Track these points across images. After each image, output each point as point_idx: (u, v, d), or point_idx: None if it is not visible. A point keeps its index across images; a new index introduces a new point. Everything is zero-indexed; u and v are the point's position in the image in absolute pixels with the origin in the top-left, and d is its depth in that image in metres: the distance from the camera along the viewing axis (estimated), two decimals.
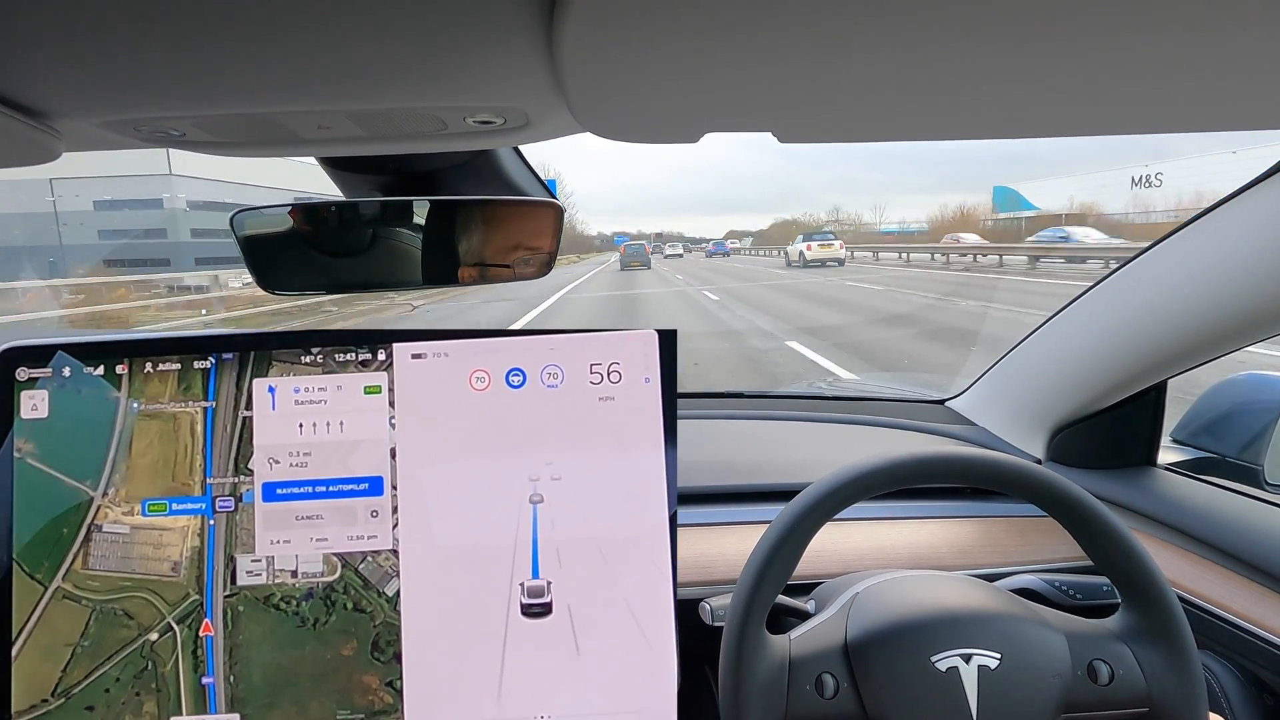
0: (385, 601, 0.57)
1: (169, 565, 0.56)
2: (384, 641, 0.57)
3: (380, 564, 0.57)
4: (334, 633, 0.57)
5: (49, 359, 0.57)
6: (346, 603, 0.57)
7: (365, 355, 0.59)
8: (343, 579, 0.57)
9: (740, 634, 0.56)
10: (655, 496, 0.59)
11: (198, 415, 0.57)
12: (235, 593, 0.57)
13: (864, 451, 0.60)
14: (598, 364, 0.60)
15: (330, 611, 0.57)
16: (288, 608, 0.57)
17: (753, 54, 0.30)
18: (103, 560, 0.56)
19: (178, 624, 0.56)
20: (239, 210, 0.68)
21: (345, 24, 0.31)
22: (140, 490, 0.57)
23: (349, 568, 0.57)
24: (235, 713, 0.56)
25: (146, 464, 0.57)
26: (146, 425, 0.57)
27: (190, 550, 0.57)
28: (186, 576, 0.56)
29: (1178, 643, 0.56)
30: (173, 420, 0.57)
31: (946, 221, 59.53)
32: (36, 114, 0.41)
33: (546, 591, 0.58)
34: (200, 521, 0.57)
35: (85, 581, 0.56)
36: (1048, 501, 0.58)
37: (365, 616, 0.57)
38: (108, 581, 0.56)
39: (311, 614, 0.57)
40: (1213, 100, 0.37)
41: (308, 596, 0.57)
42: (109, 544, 0.56)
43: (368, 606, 0.57)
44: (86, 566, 0.56)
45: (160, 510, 0.57)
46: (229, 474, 0.57)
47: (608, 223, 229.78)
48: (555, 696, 0.57)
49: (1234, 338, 0.76)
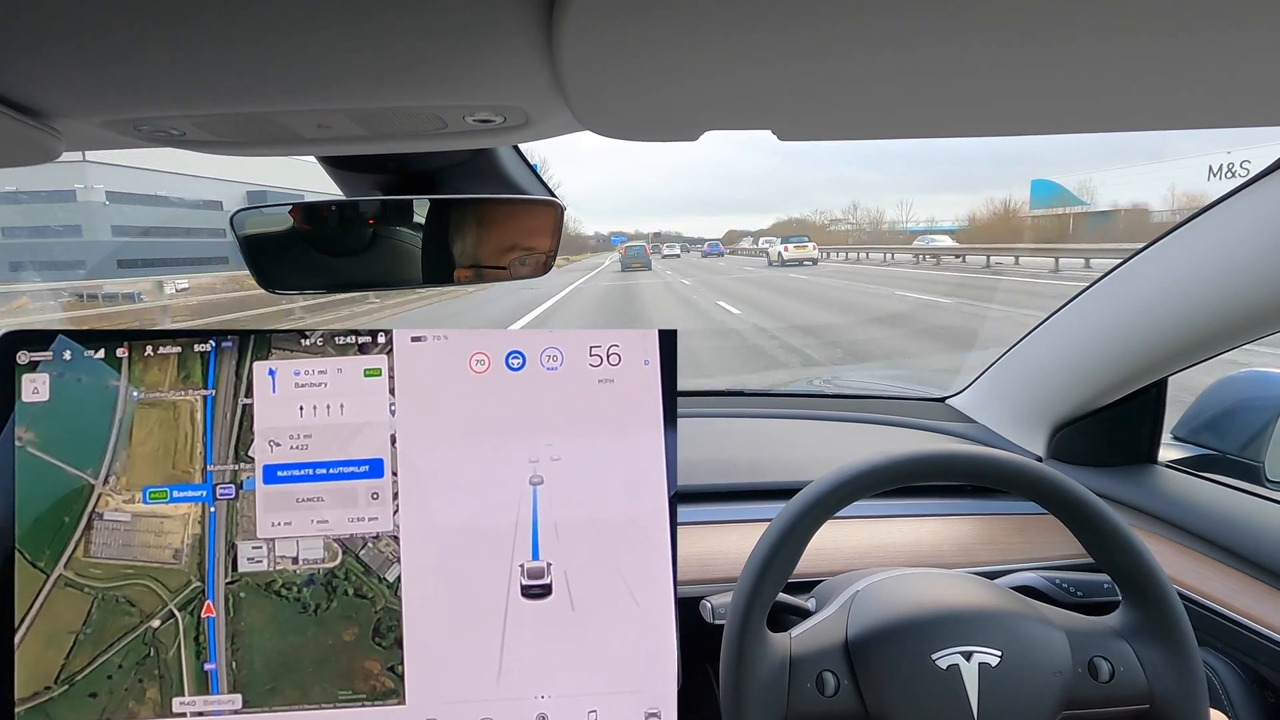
0: (386, 587, 0.57)
1: (170, 552, 0.57)
2: (385, 627, 0.57)
3: (381, 550, 0.58)
4: (335, 619, 0.57)
5: (49, 343, 0.57)
6: (347, 589, 0.57)
7: (365, 339, 0.59)
8: (343, 565, 0.57)
9: (741, 632, 0.56)
10: (655, 478, 0.59)
11: (197, 403, 0.58)
12: (237, 579, 0.57)
13: (864, 449, 0.60)
14: (597, 347, 0.60)
15: (331, 597, 0.57)
16: (289, 594, 0.57)
17: (752, 52, 0.30)
18: (104, 548, 0.56)
19: (180, 611, 0.56)
20: (239, 210, 0.68)
21: (345, 23, 0.31)
22: (141, 478, 0.57)
23: (349, 554, 0.58)
24: (238, 693, 0.56)
25: (147, 452, 0.57)
26: (146, 413, 0.57)
27: (191, 537, 0.57)
28: (188, 564, 0.57)
29: (1178, 639, 0.56)
30: (172, 408, 0.57)
31: (982, 220, 57.18)
32: (36, 114, 0.41)
33: (546, 573, 0.58)
34: (201, 509, 0.57)
35: (87, 569, 0.56)
36: (1048, 499, 0.58)
37: (366, 602, 0.57)
38: (109, 569, 0.56)
39: (313, 600, 0.57)
40: (1216, 96, 0.37)
41: (309, 583, 0.57)
42: (110, 532, 0.56)
43: (369, 592, 0.57)
44: (88, 554, 0.56)
45: (161, 498, 0.57)
46: (229, 461, 0.57)
47: (605, 222, 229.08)
48: (555, 677, 0.57)
49: (1235, 335, 0.76)
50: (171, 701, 0.56)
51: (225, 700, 0.56)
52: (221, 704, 0.56)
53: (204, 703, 0.56)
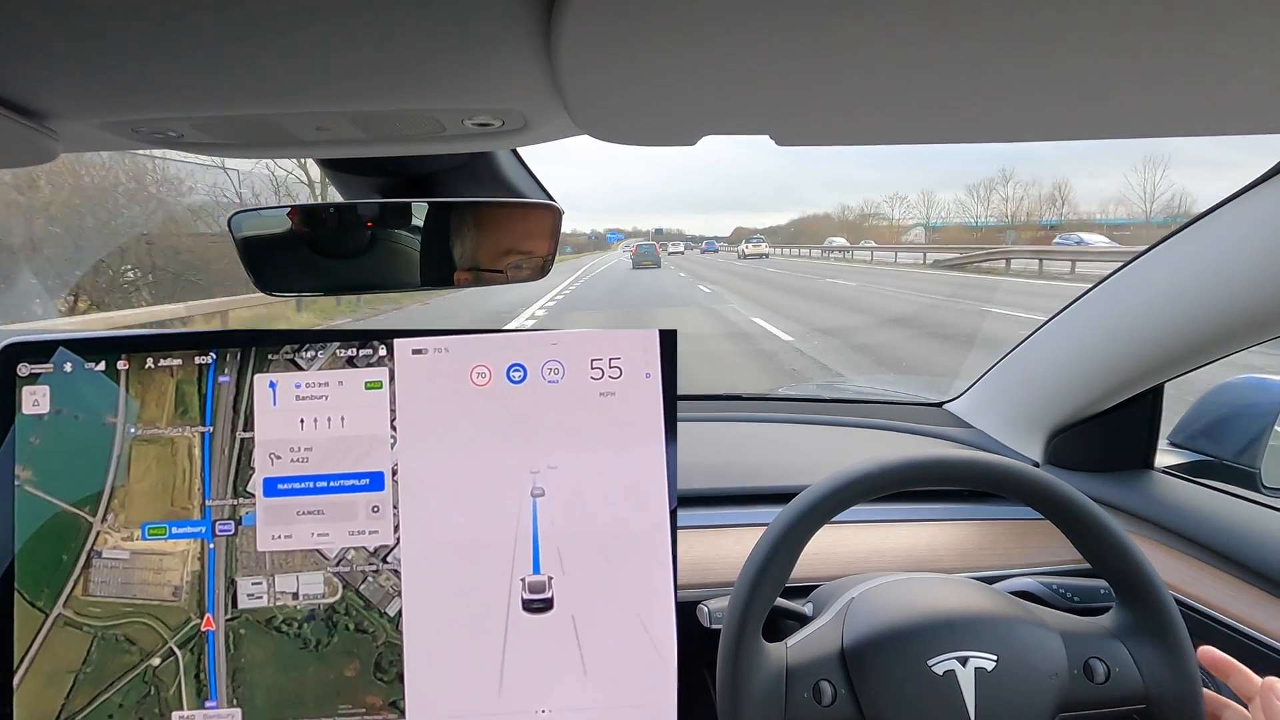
0: (387, 622, 0.57)
1: (170, 590, 0.56)
2: (386, 662, 0.57)
3: (381, 584, 0.58)
4: (336, 654, 0.57)
5: (50, 354, 0.56)
6: (348, 624, 0.57)
7: (366, 351, 0.59)
8: (344, 600, 0.57)
9: (737, 640, 0.56)
10: (656, 492, 0.59)
11: (195, 439, 0.57)
12: (237, 616, 0.57)
13: (862, 454, 0.60)
14: (598, 359, 0.60)
15: (332, 633, 0.57)
16: (289, 630, 0.57)
17: (750, 57, 0.30)
18: (103, 586, 0.56)
19: (180, 648, 0.56)
20: (238, 211, 0.68)
21: (344, 25, 0.31)
22: (139, 515, 0.57)
23: (350, 588, 0.57)
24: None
25: (145, 488, 0.57)
26: (144, 449, 0.57)
27: (191, 574, 0.57)
28: (188, 601, 0.56)
29: (1173, 639, 0.56)
30: (170, 444, 0.57)
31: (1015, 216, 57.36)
32: (33, 115, 0.41)
33: (548, 587, 0.58)
34: (200, 545, 0.57)
35: (86, 608, 0.56)
36: (1044, 504, 0.58)
37: (367, 637, 0.57)
38: (109, 607, 0.56)
39: (313, 635, 0.57)
40: (1214, 104, 0.37)
41: (309, 618, 0.57)
42: (109, 569, 0.56)
43: (369, 627, 0.57)
44: (87, 592, 0.56)
45: (160, 534, 0.57)
46: (228, 496, 0.57)
47: (601, 220, 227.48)
48: (556, 692, 0.57)
49: (1231, 341, 0.76)
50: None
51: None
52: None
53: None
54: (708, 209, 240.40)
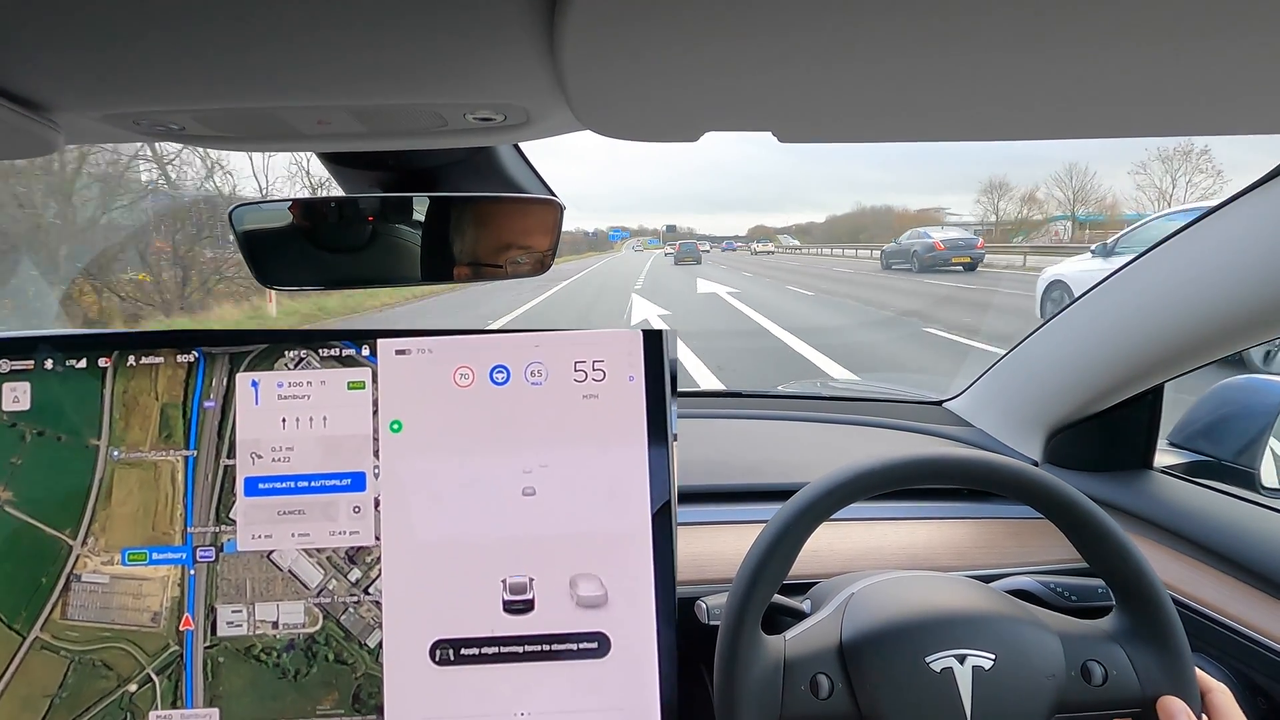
0: (367, 653, 0.56)
1: (149, 615, 0.55)
2: (365, 694, 0.56)
3: (362, 615, 0.57)
4: (315, 685, 0.56)
5: (31, 351, 0.56)
6: (328, 654, 0.56)
7: (349, 351, 0.58)
8: (324, 630, 0.56)
9: (735, 634, 0.56)
10: (638, 495, 0.59)
11: (178, 464, 0.56)
12: (215, 643, 0.56)
13: (861, 452, 0.60)
14: (582, 362, 0.59)
15: (311, 663, 0.56)
16: (268, 659, 0.56)
17: (753, 54, 0.30)
18: (82, 610, 0.55)
19: (157, 675, 0.55)
20: (238, 205, 0.67)
21: (346, 19, 0.31)
22: (120, 539, 0.56)
23: (330, 619, 0.57)
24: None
25: (126, 513, 0.56)
26: (126, 473, 0.56)
27: (170, 600, 0.56)
28: (166, 627, 0.55)
29: (1171, 644, 0.56)
30: (153, 468, 0.56)
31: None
32: (36, 107, 0.41)
33: (529, 588, 0.58)
34: (180, 571, 0.56)
35: (64, 632, 0.55)
36: (1043, 503, 0.58)
37: (346, 668, 0.56)
38: (87, 632, 0.55)
39: (292, 665, 0.56)
40: (1215, 104, 0.37)
41: (289, 648, 0.56)
42: (88, 594, 0.55)
43: (349, 658, 0.56)
44: (65, 616, 0.55)
45: (140, 560, 0.56)
46: (210, 523, 0.56)
47: (604, 218, 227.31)
48: (536, 693, 0.57)
49: (1232, 341, 0.76)
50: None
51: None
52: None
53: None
54: (714, 209, 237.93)
